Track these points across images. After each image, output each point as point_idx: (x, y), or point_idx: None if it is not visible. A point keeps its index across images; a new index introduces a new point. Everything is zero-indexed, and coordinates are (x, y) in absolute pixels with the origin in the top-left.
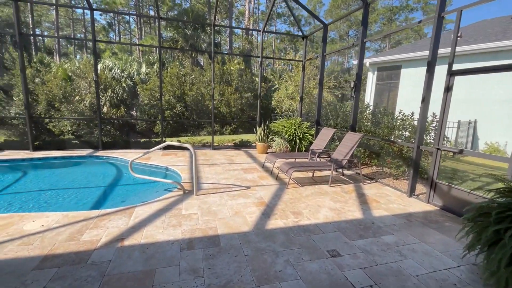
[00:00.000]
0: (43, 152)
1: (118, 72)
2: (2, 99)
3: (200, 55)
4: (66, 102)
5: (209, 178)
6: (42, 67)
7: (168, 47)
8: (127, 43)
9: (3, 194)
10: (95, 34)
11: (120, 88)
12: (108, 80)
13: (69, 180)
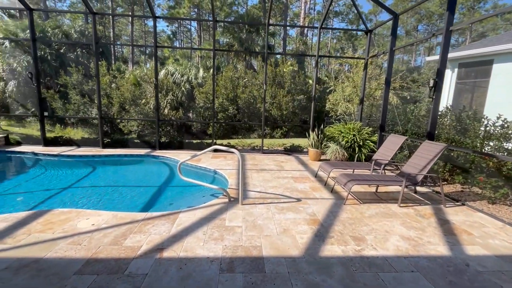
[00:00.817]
0: (110, 149)
1: (178, 76)
2: (86, 102)
3: (253, 58)
4: (134, 105)
5: (257, 186)
6: (118, 74)
7: (221, 50)
8: (185, 48)
9: (73, 188)
10: (156, 40)
11: (180, 92)
12: (170, 84)
13: (127, 178)
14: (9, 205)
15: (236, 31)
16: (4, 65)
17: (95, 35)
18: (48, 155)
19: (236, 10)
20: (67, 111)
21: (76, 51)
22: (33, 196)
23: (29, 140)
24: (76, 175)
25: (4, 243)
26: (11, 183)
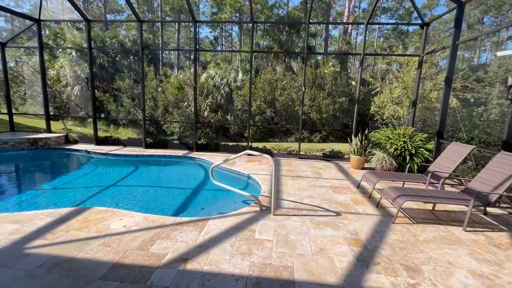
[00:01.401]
0: (151, 150)
1: (218, 80)
2: (136, 105)
3: (293, 60)
4: (177, 107)
5: (291, 194)
6: (164, 78)
7: (259, 51)
8: (223, 50)
9: (115, 186)
10: (196, 44)
11: (219, 94)
12: (210, 88)
13: (164, 178)
14: (61, 200)
15: (276, 33)
16: (71, 72)
17: (141, 42)
18: (98, 153)
19: (277, 13)
20: (119, 113)
21: (129, 58)
22: (81, 192)
23: (85, 139)
24: (119, 173)
25: (45, 238)
26: (65, 179)
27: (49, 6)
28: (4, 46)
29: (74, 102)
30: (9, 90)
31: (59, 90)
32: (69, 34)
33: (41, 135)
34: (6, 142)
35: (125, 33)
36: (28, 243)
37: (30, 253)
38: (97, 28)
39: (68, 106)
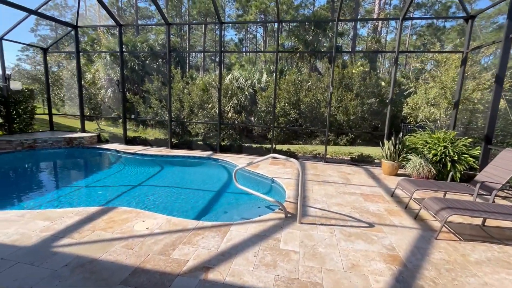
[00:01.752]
0: (176, 150)
1: (243, 81)
2: (163, 106)
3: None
4: (202, 108)
5: (318, 201)
6: (190, 80)
7: (285, 51)
8: (248, 51)
9: (141, 186)
10: (222, 45)
11: (243, 96)
12: (234, 89)
13: (188, 179)
14: (91, 197)
15: (302, 33)
16: (105, 76)
17: (169, 44)
18: (126, 153)
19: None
20: (148, 114)
21: (158, 61)
22: (109, 191)
23: (115, 138)
24: (145, 173)
25: (72, 237)
26: (96, 177)
27: (88, 14)
28: (46, 52)
29: (107, 103)
30: (49, 92)
31: (94, 92)
32: (104, 39)
33: (76, 134)
34: (45, 141)
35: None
36: (56, 241)
37: (57, 251)
38: (129, 34)
39: (102, 107)
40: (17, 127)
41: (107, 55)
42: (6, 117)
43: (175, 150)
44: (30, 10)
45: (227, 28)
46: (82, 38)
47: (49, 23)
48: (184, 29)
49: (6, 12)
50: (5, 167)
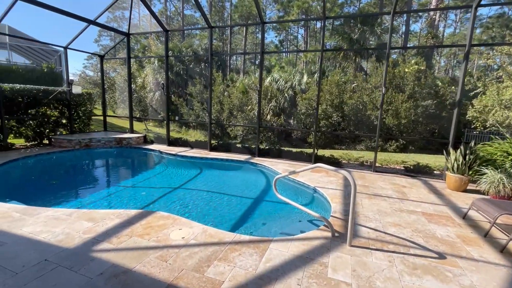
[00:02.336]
0: (215, 153)
1: (282, 83)
2: (204, 109)
3: (364, 60)
4: (241, 111)
5: (370, 219)
6: (231, 83)
7: (331, 50)
8: (291, 51)
9: (180, 189)
10: (263, 46)
11: (282, 98)
12: (273, 91)
13: (226, 184)
14: (133, 198)
15: (346, 31)
16: (153, 80)
17: (211, 47)
18: (168, 154)
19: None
20: (190, 116)
21: (201, 65)
22: (151, 192)
23: (159, 139)
24: (184, 176)
25: (110, 242)
26: (140, 177)
27: (141, 24)
28: (102, 58)
29: (154, 105)
30: (104, 95)
31: (143, 95)
32: (154, 46)
33: (125, 135)
34: (99, 140)
35: (198, 43)
36: (95, 245)
37: (95, 257)
38: (176, 40)
39: (150, 109)
40: (77, 127)
41: (156, 61)
42: (68, 118)
43: (214, 153)
44: (89, 21)
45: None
46: (136, 46)
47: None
48: (226, 33)
49: (70, 24)
50: (66, 164)
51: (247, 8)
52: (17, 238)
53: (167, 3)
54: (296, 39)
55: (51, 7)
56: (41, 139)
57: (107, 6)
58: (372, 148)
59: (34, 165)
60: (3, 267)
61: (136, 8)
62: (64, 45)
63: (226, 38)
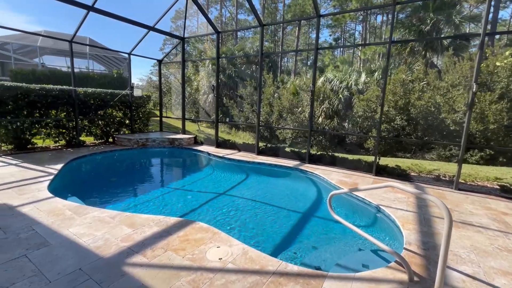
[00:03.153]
0: (262, 157)
1: (337, 83)
2: (254, 111)
3: (436, 55)
4: (291, 113)
5: (462, 259)
6: (281, 84)
7: (400, 41)
8: (349, 46)
9: (224, 195)
10: (317, 42)
11: (336, 99)
12: (327, 92)
13: (272, 193)
14: (176, 202)
15: (414, 23)
16: (207, 83)
17: (261, 46)
18: (216, 156)
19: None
20: (240, 118)
21: (252, 67)
22: (195, 196)
23: (209, 141)
24: (230, 180)
25: (144, 255)
26: (187, 180)
27: (199, 31)
28: (160, 63)
29: (206, 107)
30: (161, 98)
31: (197, 98)
32: (209, 51)
33: (177, 136)
34: (154, 140)
35: (250, 46)
36: (129, 257)
37: (126, 273)
38: (229, 44)
39: (204, 111)
40: (137, 127)
41: (210, 65)
42: (130, 119)
43: (261, 157)
44: (148, 27)
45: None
46: (194, 52)
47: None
48: (278, 35)
49: (134, 33)
50: (124, 162)
51: (300, 6)
52: (62, 240)
53: (222, 10)
54: (353, 36)
55: (118, 16)
56: (107, 138)
57: (163, 12)
58: (447, 157)
59: (99, 161)
60: (41, 273)
61: (195, 17)
62: (128, 51)
63: (278, 39)
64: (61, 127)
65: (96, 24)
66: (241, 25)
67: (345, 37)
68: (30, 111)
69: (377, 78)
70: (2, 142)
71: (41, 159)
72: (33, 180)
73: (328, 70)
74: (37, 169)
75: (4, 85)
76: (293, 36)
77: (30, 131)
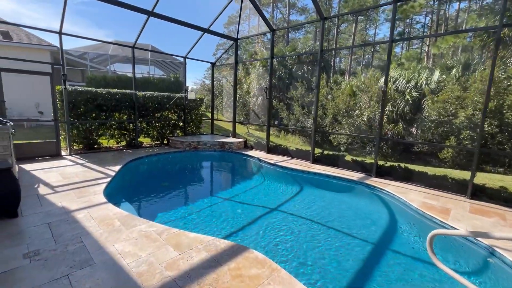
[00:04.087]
0: (318, 166)
1: (403, 83)
2: (304, 113)
3: None
4: (347, 116)
5: None
6: (334, 85)
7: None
8: (436, 35)
9: (277, 211)
10: (393, 32)
11: (403, 101)
12: (390, 93)
13: (335, 213)
14: (228, 216)
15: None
16: (257, 85)
17: (321, 42)
18: (267, 162)
19: None
20: (290, 121)
21: (303, 68)
22: (246, 210)
23: (259, 145)
24: (282, 193)
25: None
26: (237, 189)
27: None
28: (213, 65)
29: (256, 110)
30: (213, 100)
31: (247, 100)
32: (260, 54)
33: (228, 139)
34: (205, 143)
35: (302, 46)
36: None
37: None
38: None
39: (253, 113)
40: (190, 129)
41: (260, 67)
42: (183, 121)
43: (317, 166)
44: (203, 29)
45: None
46: (244, 55)
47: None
48: (332, 33)
49: (189, 38)
50: (176, 165)
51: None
52: (106, 258)
53: (274, 12)
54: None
55: (175, 19)
56: (162, 140)
57: (217, 14)
58: None
59: (153, 163)
60: None
61: (246, 21)
62: (184, 55)
63: (331, 38)
64: (123, 129)
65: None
66: (293, 25)
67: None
68: (97, 113)
69: (456, 75)
70: (74, 142)
71: (103, 159)
72: (93, 182)
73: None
74: (98, 169)
75: (77, 90)
76: (346, 35)
77: (97, 132)
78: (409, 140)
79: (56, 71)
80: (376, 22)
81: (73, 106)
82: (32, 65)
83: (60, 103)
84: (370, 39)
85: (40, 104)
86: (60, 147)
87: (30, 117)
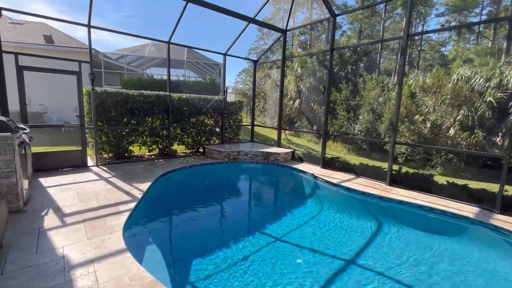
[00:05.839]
0: (400, 190)
1: (480, 82)
2: (350, 118)
3: None
4: (408, 122)
5: None
6: (385, 86)
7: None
8: None
9: (355, 265)
10: None
11: (483, 104)
12: (462, 95)
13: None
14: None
15: None
16: (295, 88)
17: (408, 25)
18: (327, 182)
19: None
20: (333, 126)
21: (346, 68)
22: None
23: (309, 157)
24: (359, 230)
25: None
26: (290, 221)
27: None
28: (256, 63)
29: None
30: (254, 103)
31: (285, 104)
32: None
33: (273, 149)
34: (246, 154)
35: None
36: None
37: None
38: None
39: (288, 118)
40: (227, 136)
41: (299, 68)
42: (221, 127)
43: (398, 190)
44: (249, 18)
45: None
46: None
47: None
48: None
49: (227, 35)
50: (214, 180)
51: None
52: None
53: None
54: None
55: (216, 6)
56: (197, 148)
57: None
58: None
59: (187, 178)
60: None
61: (292, 19)
62: (224, 52)
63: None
64: (155, 135)
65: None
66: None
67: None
68: (128, 118)
69: None
70: (102, 150)
71: (132, 173)
72: (113, 209)
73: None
74: (124, 188)
75: (106, 91)
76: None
77: (128, 139)
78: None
79: (85, 70)
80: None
81: (102, 110)
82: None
83: (88, 107)
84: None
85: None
86: (86, 156)
87: (68, 122)
